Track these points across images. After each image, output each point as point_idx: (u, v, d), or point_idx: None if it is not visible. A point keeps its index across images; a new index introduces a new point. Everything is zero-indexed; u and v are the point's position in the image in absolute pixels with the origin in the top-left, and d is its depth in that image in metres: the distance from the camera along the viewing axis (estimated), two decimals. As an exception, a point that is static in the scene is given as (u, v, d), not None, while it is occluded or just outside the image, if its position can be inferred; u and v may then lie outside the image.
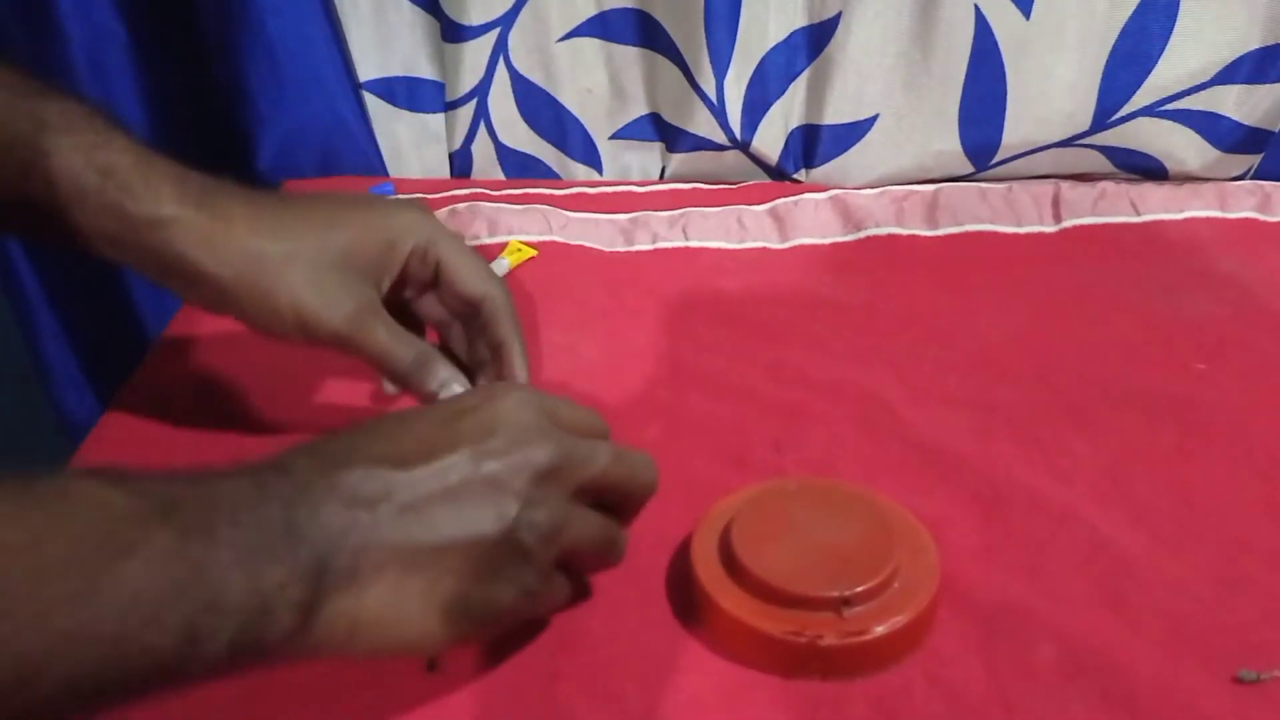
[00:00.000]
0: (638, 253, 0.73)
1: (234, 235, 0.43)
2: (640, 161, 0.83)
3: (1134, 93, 0.74)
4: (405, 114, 0.80)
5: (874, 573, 0.41)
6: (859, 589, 0.41)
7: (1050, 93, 0.75)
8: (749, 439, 0.54)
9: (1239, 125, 0.75)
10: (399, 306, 0.49)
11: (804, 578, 0.41)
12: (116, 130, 0.44)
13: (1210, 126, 0.75)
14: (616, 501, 0.41)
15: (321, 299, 0.44)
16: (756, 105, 0.77)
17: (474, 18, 0.74)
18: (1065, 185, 0.77)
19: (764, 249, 0.73)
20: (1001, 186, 0.78)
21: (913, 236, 0.74)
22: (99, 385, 0.86)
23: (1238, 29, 0.72)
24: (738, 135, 0.78)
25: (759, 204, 0.76)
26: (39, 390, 0.86)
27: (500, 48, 0.76)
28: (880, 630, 0.40)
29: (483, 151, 0.81)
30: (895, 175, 0.79)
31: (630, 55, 0.78)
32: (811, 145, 0.79)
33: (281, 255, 0.43)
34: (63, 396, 0.86)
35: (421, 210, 0.48)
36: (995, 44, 0.73)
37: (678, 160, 0.81)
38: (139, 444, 0.55)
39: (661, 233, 0.74)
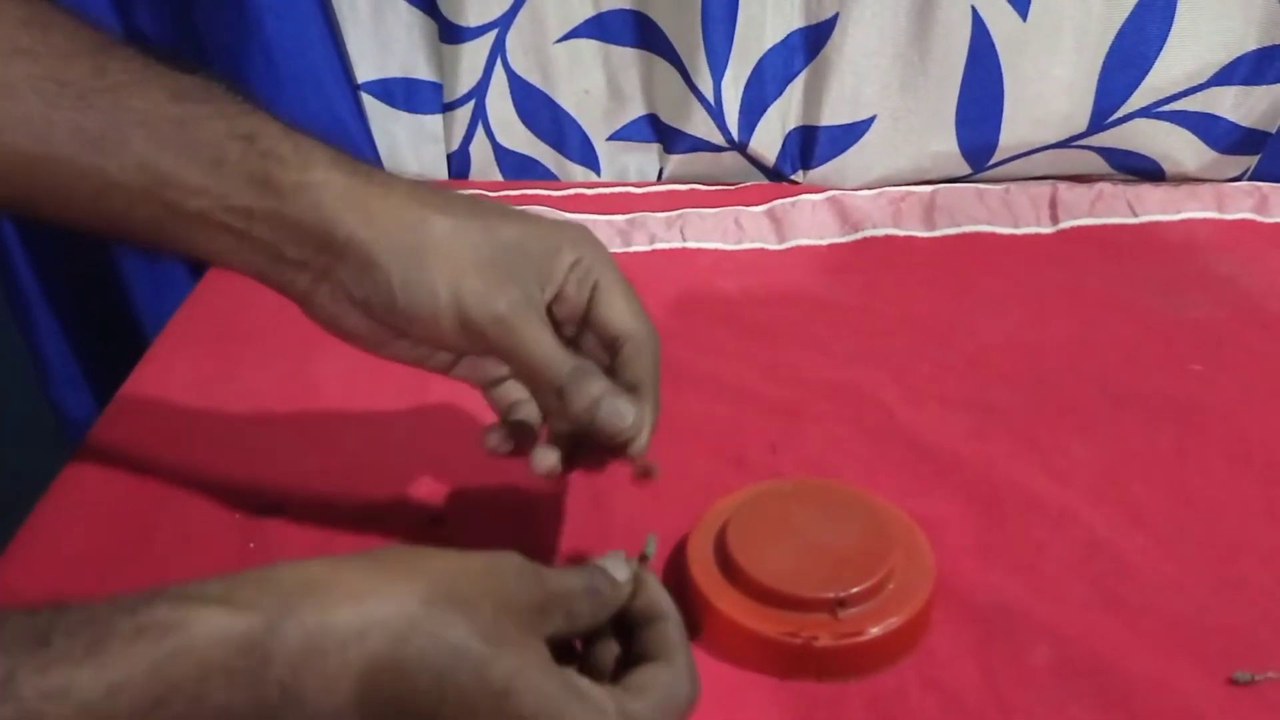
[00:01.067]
0: (635, 253, 0.73)
1: (392, 202, 0.38)
2: (638, 162, 0.83)
3: (1131, 94, 0.74)
4: (403, 115, 0.80)
5: (869, 574, 0.41)
6: (854, 590, 0.41)
7: (1047, 94, 0.75)
8: (746, 439, 0.54)
9: (1236, 126, 0.75)
10: None
11: (799, 579, 0.41)
12: (256, 105, 0.39)
13: (1207, 128, 0.76)
14: None
15: (485, 283, 0.38)
16: (754, 106, 0.77)
17: (472, 19, 0.74)
18: (1062, 186, 0.77)
19: (761, 250, 0.73)
20: (999, 188, 0.78)
21: (910, 237, 0.74)
22: (97, 384, 0.86)
23: (1234, 30, 0.72)
24: (735, 136, 0.78)
25: (756, 205, 0.77)
26: (36, 389, 0.86)
27: (498, 49, 0.76)
28: (875, 631, 0.40)
29: (481, 152, 0.81)
30: (892, 176, 0.79)
31: (628, 56, 0.78)
32: (809, 146, 0.79)
33: (446, 229, 0.38)
34: (60, 395, 0.86)
35: (588, 231, 0.43)
36: (992, 45, 0.73)
37: (675, 161, 0.81)
38: (137, 446, 0.55)
39: (659, 234, 0.74)
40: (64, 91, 0.37)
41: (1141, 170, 0.78)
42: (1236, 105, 0.75)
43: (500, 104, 0.79)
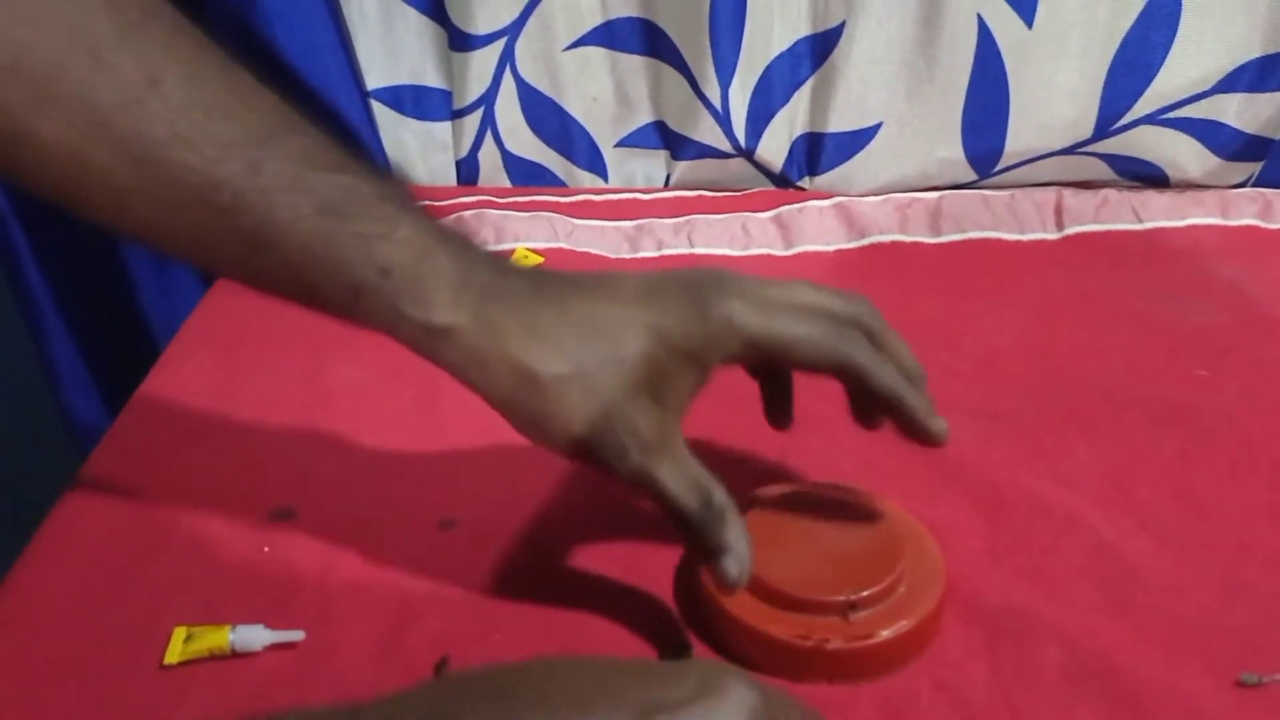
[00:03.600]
0: (643, 260, 0.73)
1: (505, 352, 0.39)
2: (645, 169, 0.84)
3: (1136, 101, 0.75)
4: (412, 122, 0.81)
5: (880, 577, 0.41)
6: (865, 593, 0.41)
7: (1052, 101, 0.75)
8: (755, 445, 0.54)
9: (1240, 133, 0.76)
10: None
11: (810, 582, 0.41)
12: (401, 211, 0.40)
13: (1212, 134, 0.76)
14: None
15: (595, 430, 0.39)
16: (761, 113, 0.78)
17: (481, 27, 0.75)
18: (1068, 192, 0.78)
19: (768, 256, 0.73)
20: (1004, 194, 0.78)
21: (916, 243, 0.74)
22: (107, 390, 0.86)
23: (1239, 37, 0.73)
24: (742, 143, 0.79)
25: (763, 211, 0.77)
26: (47, 394, 0.86)
27: (507, 56, 0.77)
28: (886, 634, 0.41)
29: (489, 159, 0.82)
30: (899, 182, 0.79)
31: (635, 64, 0.78)
32: (815, 153, 0.80)
33: (554, 378, 0.39)
34: (70, 401, 0.86)
35: (729, 301, 0.40)
36: (998, 52, 0.73)
37: (682, 168, 0.82)
38: (151, 450, 0.55)
39: (666, 240, 0.75)
40: (219, 190, 0.39)
41: (1146, 177, 0.79)
42: (1241, 112, 0.75)
43: (509, 111, 0.80)
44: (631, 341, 0.40)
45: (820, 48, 0.76)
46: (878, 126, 0.77)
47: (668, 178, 0.83)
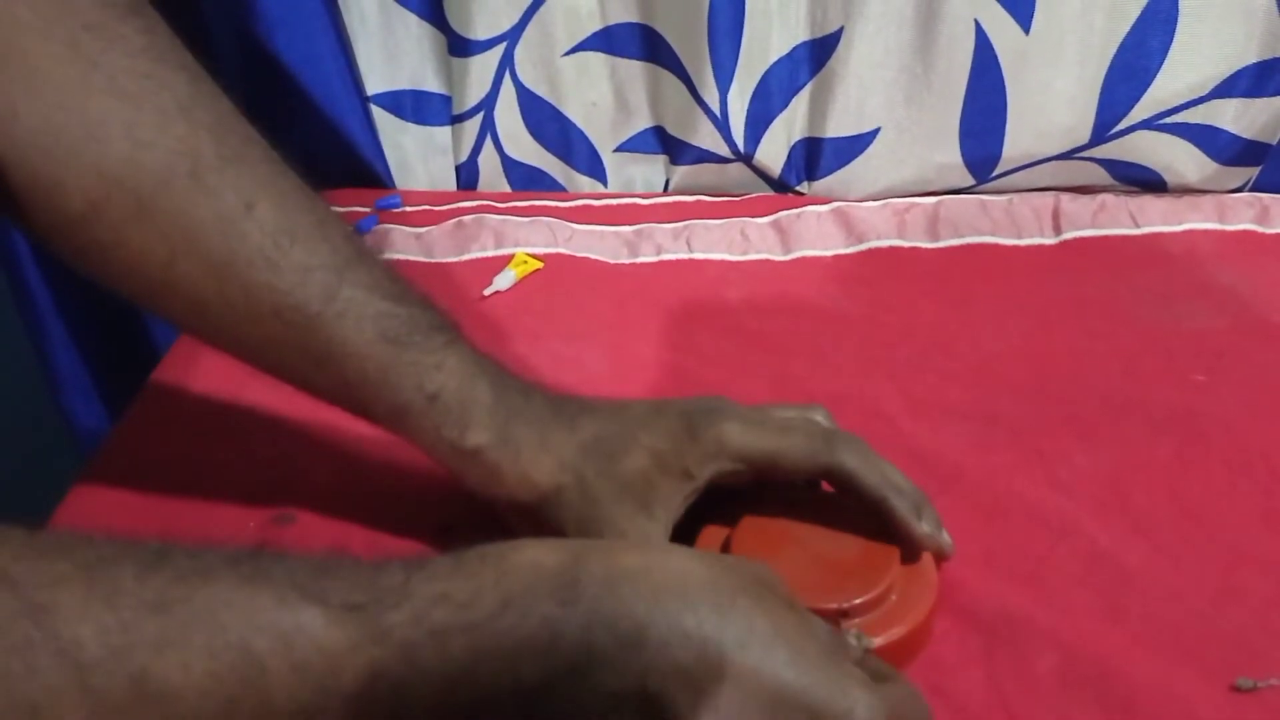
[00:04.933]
0: (642, 264, 0.73)
1: (518, 465, 0.45)
2: (644, 174, 0.84)
3: (1133, 106, 0.75)
4: (412, 127, 0.81)
5: (872, 585, 0.42)
6: (857, 601, 0.41)
7: (1050, 106, 0.75)
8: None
9: (1237, 138, 0.76)
10: None
11: (803, 590, 0.41)
12: (451, 342, 0.45)
13: (1209, 139, 0.76)
14: None
15: (584, 534, 0.44)
16: (759, 118, 0.78)
17: (480, 32, 0.75)
18: (1065, 197, 0.78)
19: (767, 261, 0.74)
20: (1002, 199, 0.78)
21: (914, 248, 0.75)
22: (108, 394, 0.87)
23: (1235, 43, 0.73)
24: (741, 148, 0.79)
25: (762, 216, 0.77)
26: (47, 398, 0.86)
27: (506, 62, 0.77)
28: (879, 642, 0.41)
29: (489, 164, 0.82)
30: (897, 188, 0.79)
31: (634, 69, 0.78)
32: (814, 158, 0.80)
33: (555, 488, 0.45)
34: (71, 404, 0.86)
35: (722, 423, 0.44)
36: (995, 58, 0.74)
37: (681, 173, 0.82)
38: (150, 456, 0.56)
39: (665, 245, 0.75)
40: (295, 311, 0.43)
41: (1143, 182, 0.79)
42: (1238, 117, 0.75)
43: (508, 116, 0.80)
44: (627, 459, 0.44)
45: (818, 53, 0.76)
46: (876, 132, 0.78)
47: (667, 183, 0.84)
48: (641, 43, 0.77)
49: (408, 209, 0.79)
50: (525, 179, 0.83)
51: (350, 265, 0.44)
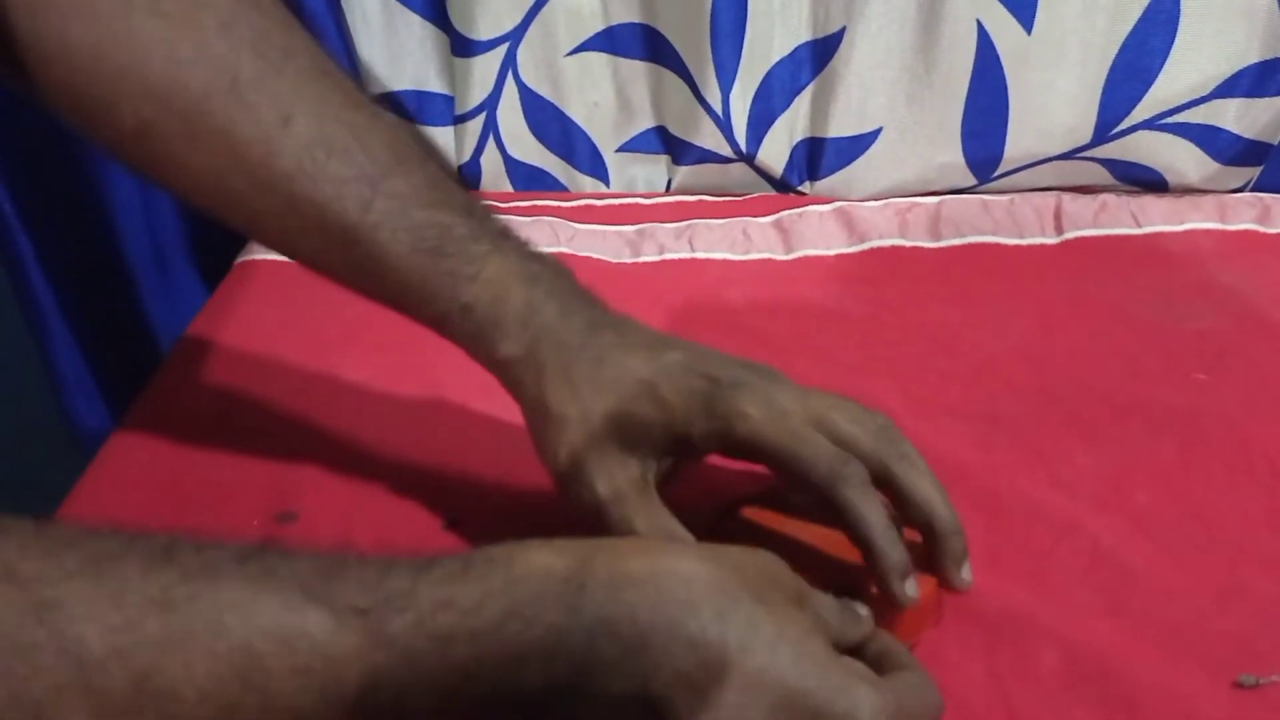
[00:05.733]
0: (644, 264, 0.74)
1: (539, 386, 0.45)
2: (646, 174, 0.84)
3: (1134, 106, 0.75)
4: (415, 127, 0.81)
5: (868, 578, 0.41)
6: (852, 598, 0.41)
7: (1051, 106, 0.75)
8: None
9: (1239, 138, 0.76)
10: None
11: (810, 556, 0.42)
12: (491, 250, 0.45)
13: (1210, 139, 0.76)
14: None
15: (580, 470, 0.44)
16: (761, 118, 0.78)
17: (483, 32, 0.75)
18: (1067, 197, 0.78)
19: (769, 260, 0.74)
20: (1004, 199, 0.78)
21: (916, 248, 0.75)
22: (110, 395, 0.87)
23: (1237, 43, 0.73)
24: (743, 148, 0.79)
25: (764, 216, 0.77)
26: (50, 400, 0.87)
27: (509, 62, 0.77)
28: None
29: (491, 164, 0.82)
30: (898, 187, 0.80)
31: (637, 69, 0.79)
32: (816, 158, 0.80)
33: (560, 416, 0.44)
34: (74, 406, 0.87)
35: (740, 400, 0.42)
36: (997, 58, 0.74)
37: (683, 173, 0.82)
38: (154, 455, 0.56)
39: (668, 244, 0.75)
40: (333, 223, 0.44)
41: (1145, 181, 0.79)
42: (1239, 117, 0.76)
43: (511, 116, 0.80)
44: (637, 405, 0.43)
45: (820, 53, 0.76)
46: (878, 132, 0.78)
47: (669, 182, 0.84)
48: (644, 43, 0.77)
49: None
50: (528, 179, 0.83)
51: (388, 175, 0.45)
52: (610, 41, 0.77)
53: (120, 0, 0.42)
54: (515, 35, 0.76)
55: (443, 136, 0.82)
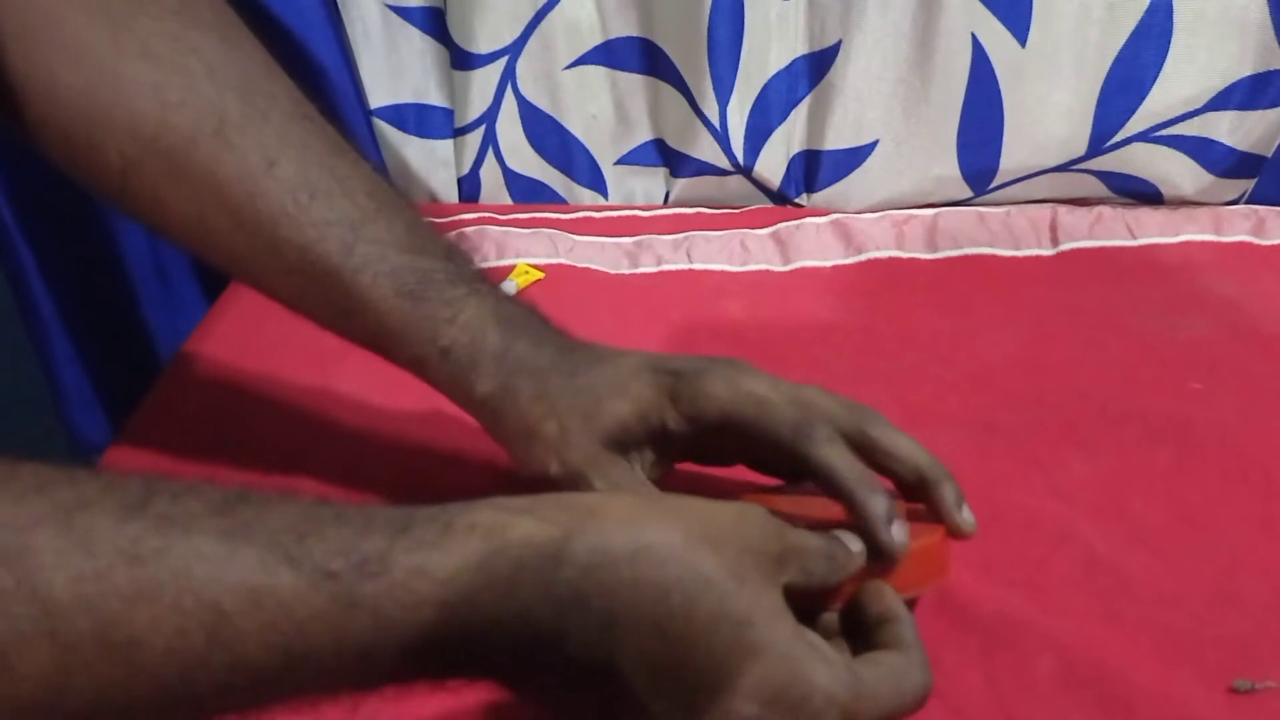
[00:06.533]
0: (642, 275, 0.74)
1: (517, 410, 0.46)
2: (645, 186, 0.84)
3: (1129, 119, 0.76)
4: (415, 140, 0.82)
5: None
6: None
7: (1046, 119, 0.76)
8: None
9: (1232, 150, 0.77)
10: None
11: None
12: (468, 294, 0.47)
13: (1204, 152, 0.77)
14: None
15: (575, 475, 0.45)
16: (759, 131, 0.79)
17: (482, 46, 0.76)
18: (1062, 209, 0.78)
19: (766, 271, 0.74)
20: (1000, 210, 0.79)
21: (913, 259, 0.75)
22: (111, 407, 0.87)
23: (1230, 56, 0.73)
24: (740, 160, 0.80)
25: (761, 228, 0.78)
26: (51, 412, 0.87)
27: (508, 75, 0.78)
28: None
29: (490, 176, 0.83)
30: (895, 199, 0.80)
31: (635, 82, 0.79)
32: (813, 170, 0.81)
33: (544, 434, 0.45)
34: (75, 417, 0.87)
35: (708, 378, 0.44)
36: (992, 71, 0.74)
37: (681, 185, 0.83)
38: (153, 469, 0.56)
39: (666, 255, 0.75)
40: (315, 265, 0.45)
41: (1140, 193, 0.80)
42: (1233, 130, 0.76)
43: (510, 129, 0.80)
44: (610, 403, 0.45)
45: (817, 66, 0.76)
46: (874, 144, 0.78)
47: (667, 194, 0.84)
48: (642, 56, 0.78)
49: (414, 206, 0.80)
50: (526, 191, 0.84)
51: (369, 220, 0.46)
52: (608, 55, 0.78)
53: (110, 42, 0.43)
54: (514, 49, 0.77)
55: (442, 149, 0.82)
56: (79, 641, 0.28)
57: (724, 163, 0.80)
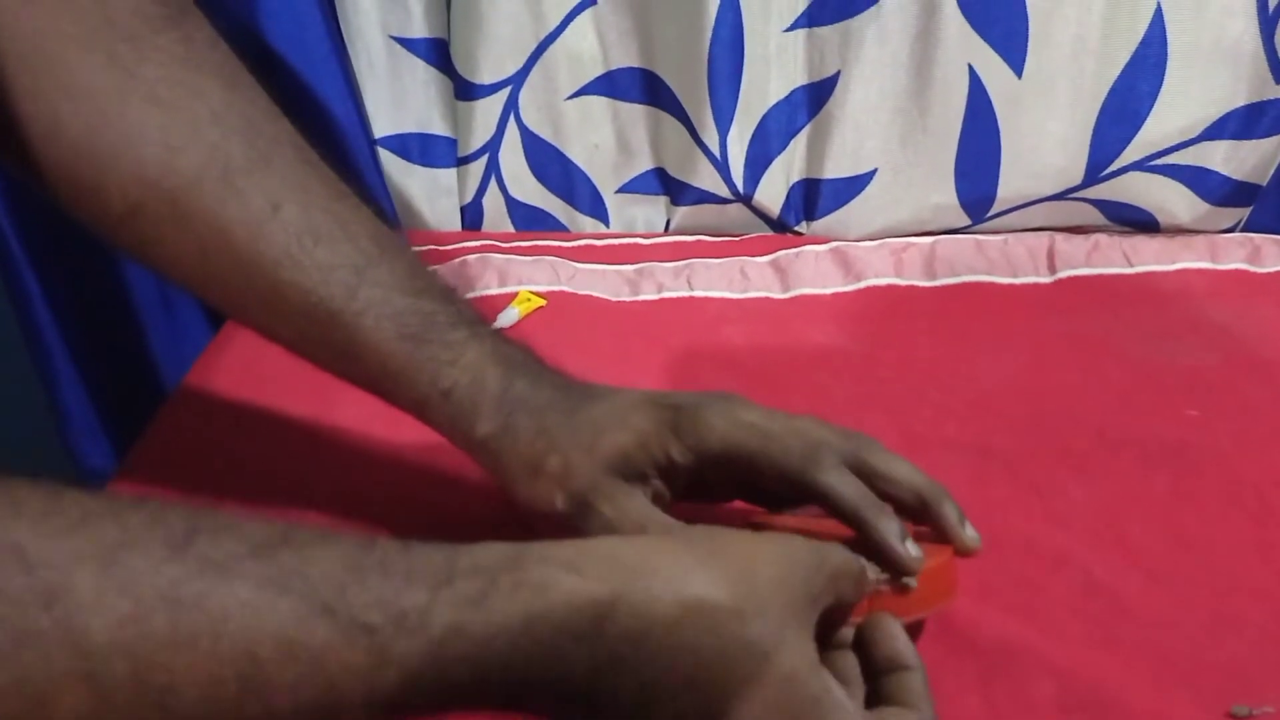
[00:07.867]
0: (643, 302, 0.74)
1: (517, 450, 0.46)
2: (646, 214, 0.85)
3: (1124, 148, 0.76)
4: (418, 169, 0.82)
5: None
6: None
7: (1043, 148, 0.77)
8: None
9: (1228, 179, 0.77)
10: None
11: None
12: (469, 337, 0.47)
13: (1200, 180, 0.77)
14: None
15: (583, 506, 0.45)
16: (758, 160, 0.80)
17: (486, 77, 0.77)
18: (1059, 237, 0.79)
19: (766, 299, 0.75)
20: (997, 239, 0.80)
21: (911, 287, 0.76)
22: (115, 433, 0.87)
23: (1224, 86, 0.74)
24: (740, 189, 0.80)
25: (761, 255, 0.78)
26: (55, 438, 0.87)
27: (511, 105, 0.79)
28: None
29: (493, 205, 0.84)
30: (894, 228, 0.81)
31: (636, 112, 0.80)
32: (812, 199, 0.81)
33: (547, 469, 0.46)
34: (78, 443, 0.87)
35: (707, 412, 0.45)
36: (989, 101, 0.75)
37: (682, 213, 0.83)
38: (157, 496, 0.56)
39: (666, 283, 0.76)
40: (318, 308, 0.45)
41: (1136, 222, 0.80)
42: (1228, 159, 0.77)
43: (513, 158, 0.81)
44: (610, 435, 0.45)
45: (816, 96, 0.77)
46: (873, 173, 0.79)
47: (668, 223, 0.85)
48: (643, 87, 0.79)
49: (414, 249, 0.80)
50: (529, 219, 0.85)
51: (372, 264, 0.46)
52: (610, 85, 0.79)
53: (116, 86, 0.44)
54: (517, 79, 0.78)
55: (445, 178, 0.83)
56: (115, 686, 0.28)
57: (724, 191, 0.80)
